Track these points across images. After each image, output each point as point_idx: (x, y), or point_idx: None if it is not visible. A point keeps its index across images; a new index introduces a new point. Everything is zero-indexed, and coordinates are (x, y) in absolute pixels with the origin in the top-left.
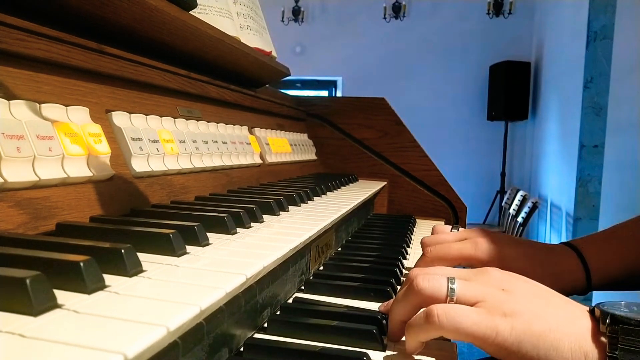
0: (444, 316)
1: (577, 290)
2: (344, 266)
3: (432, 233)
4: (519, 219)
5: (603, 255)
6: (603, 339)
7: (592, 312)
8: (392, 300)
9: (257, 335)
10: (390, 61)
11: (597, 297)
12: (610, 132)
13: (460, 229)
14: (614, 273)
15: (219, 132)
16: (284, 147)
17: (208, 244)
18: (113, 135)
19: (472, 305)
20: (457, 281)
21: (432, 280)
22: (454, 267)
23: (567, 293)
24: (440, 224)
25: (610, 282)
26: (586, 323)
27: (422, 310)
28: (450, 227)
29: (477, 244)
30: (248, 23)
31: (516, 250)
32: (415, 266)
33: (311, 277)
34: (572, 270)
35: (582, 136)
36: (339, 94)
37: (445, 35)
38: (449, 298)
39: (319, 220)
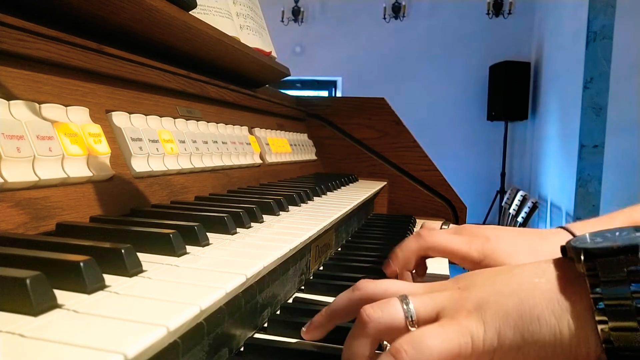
0: (413, 351)
1: None
2: (344, 266)
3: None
4: (519, 219)
5: None
6: (582, 280)
7: (562, 251)
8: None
9: (257, 335)
10: (390, 61)
11: None
12: (610, 132)
13: (451, 225)
14: None
15: (218, 132)
16: (284, 147)
17: (208, 244)
18: (113, 135)
19: (435, 319)
20: (410, 299)
21: (384, 308)
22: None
23: None
24: (430, 222)
25: None
26: (556, 272)
27: (384, 354)
28: (440, 222)
29: (472, 242)
30: (248, 23)
31: (510, 246)
32: (404, 248)
33: (311, 277)
34: None
35: (582, 136)
36: (339, 94)
37: (445, 35)
38: (408, 321)
39: (319, 220)
